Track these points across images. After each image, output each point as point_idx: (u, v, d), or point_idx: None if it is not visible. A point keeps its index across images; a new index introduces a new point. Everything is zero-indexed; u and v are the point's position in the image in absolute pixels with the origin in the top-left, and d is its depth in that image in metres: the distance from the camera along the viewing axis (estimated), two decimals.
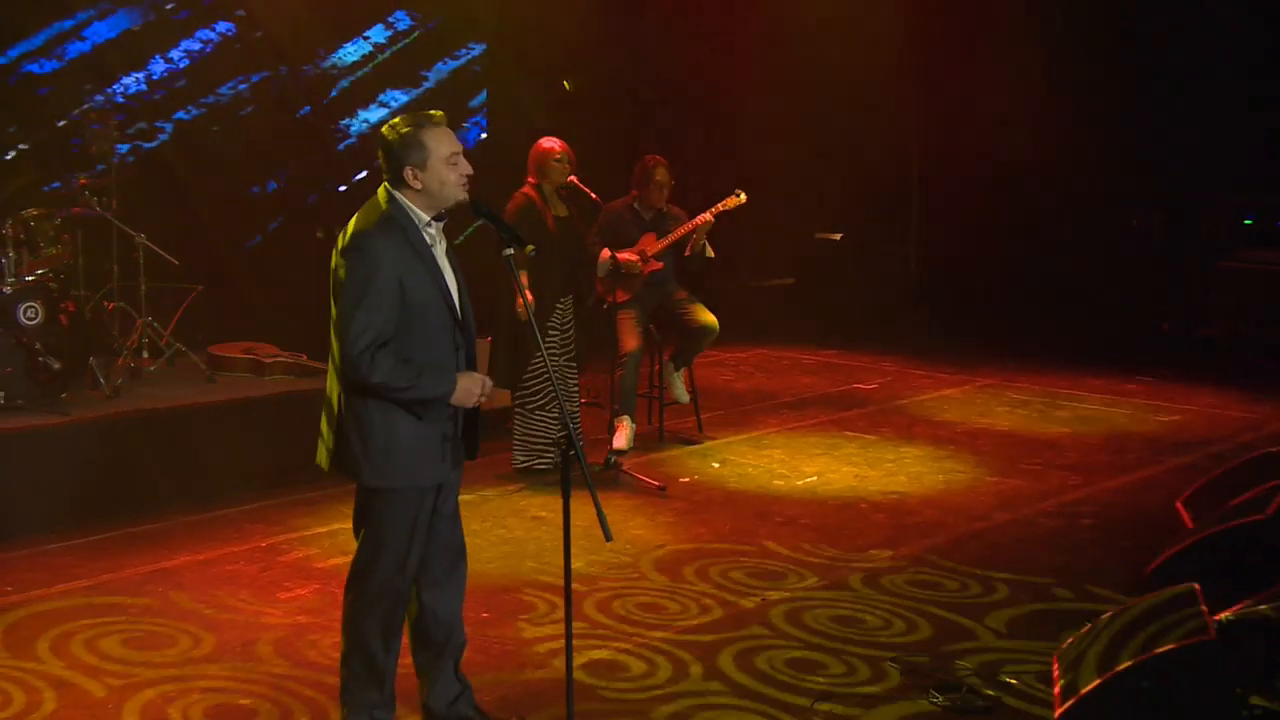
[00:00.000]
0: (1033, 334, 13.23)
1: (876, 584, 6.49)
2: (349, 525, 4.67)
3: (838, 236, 14.88)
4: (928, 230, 15.30)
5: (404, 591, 4.61)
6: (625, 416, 8.84)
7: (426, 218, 4.42)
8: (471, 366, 4.61)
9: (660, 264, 8.86)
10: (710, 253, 8.94)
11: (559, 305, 8.28)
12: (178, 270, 8.68)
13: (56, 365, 7.40)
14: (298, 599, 6.18)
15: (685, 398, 9.23)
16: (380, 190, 4.47)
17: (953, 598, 6.33)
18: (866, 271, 14.74)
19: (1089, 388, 11.33)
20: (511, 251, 4.41)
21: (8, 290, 7.31)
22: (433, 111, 4.47)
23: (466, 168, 4.42)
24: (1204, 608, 5.19)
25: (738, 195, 8.80)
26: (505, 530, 7.28)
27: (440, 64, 13.18)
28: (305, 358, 8.64)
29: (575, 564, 6.33)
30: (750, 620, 6.03)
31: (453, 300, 4.46)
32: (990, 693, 5.29)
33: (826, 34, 13.82)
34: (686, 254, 8.91)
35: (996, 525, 7.48)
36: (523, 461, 8.31)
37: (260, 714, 5.02)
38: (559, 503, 7.52)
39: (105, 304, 8.54)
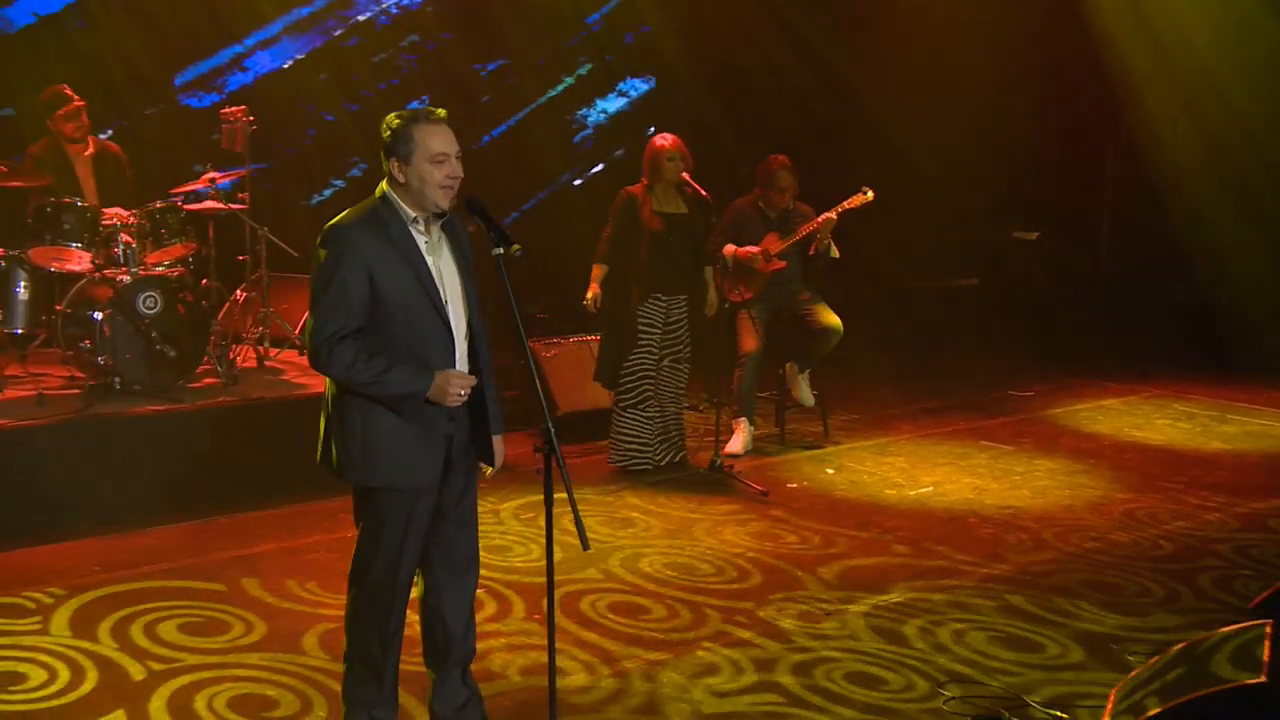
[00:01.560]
0: (1218, 342, 12.21)
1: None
2: None
3: (1034, 236, 14.30)
4: (1119, 230, 14.57)
5: (399, 591, 4.54)
6: (743, 419, 8.67)
7: (413, 214, 4.35)
8: (474, 369, 4.52)
9: (783, 263, 8.61)
10: (835, 252, 8.64)
11: (661, 302, 8.14)
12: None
13: (173, 353, 7.61)
14: None
15: (810, 400, 8.97)
16: (380, 184, 4.44)
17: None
18: (1054, 273, 14.14)
19: (1269, 401, 10.61)
20: (501, 251, 4.30)
21: (128, 280, 7.56)
22: (434, 109, 4.40)
23: (454, 169, 4.31)
24: (1268, 648, 4.77)
25: (865, 193, 8.48)
26: (588, 531, 7.16)
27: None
28: None
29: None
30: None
31: (439, 299, 4.35)
32: None
33: (1020, 30, 13.31)
34: (811, 253, 8.66)
35: (1107, 546, 7.04)
36: (616, 461, 8.22)
37: (281, 705, 5.03)
38: (651, 505, 7.43)
39: (238, 294, 8.77)
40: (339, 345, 4.23)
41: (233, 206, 8.48)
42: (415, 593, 4.68)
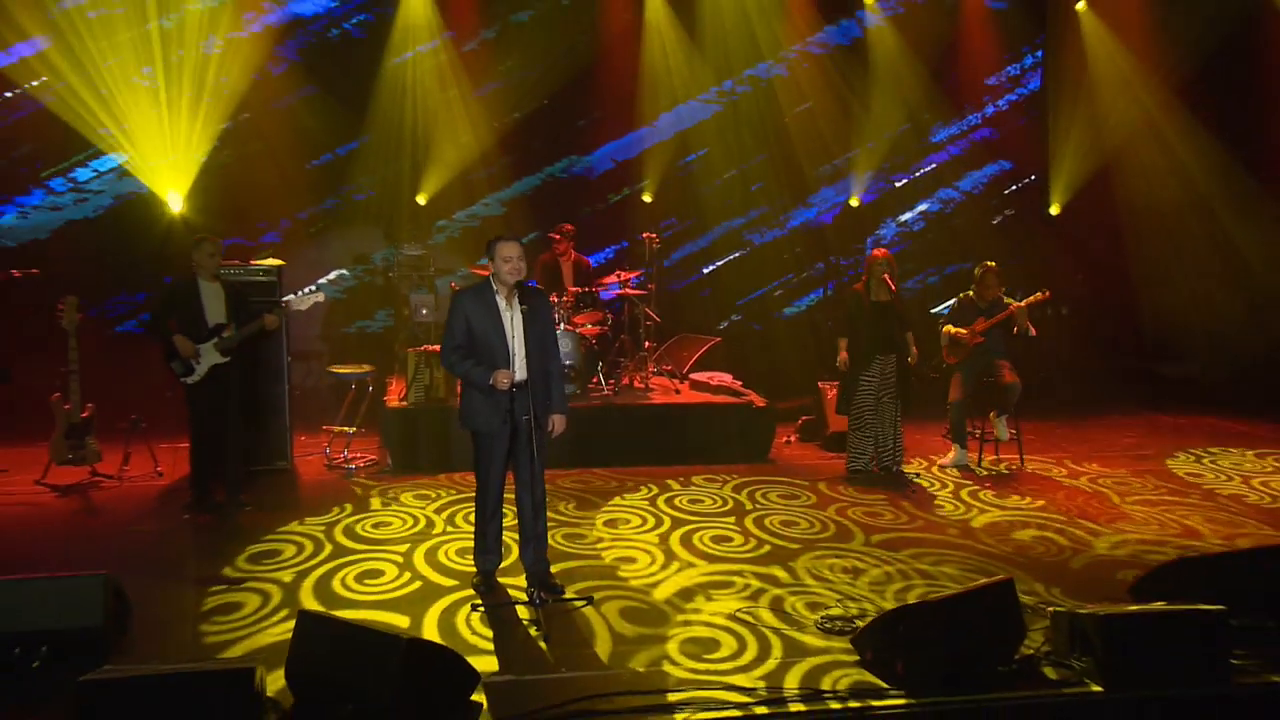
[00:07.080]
0: None
1: None
2: (680, 487, 8.33)
3: None
4: None
5: (491, 492, 7.52)
6: (955, 444, 11.24)
7: (496, 287, 7.47)
8: (529, 376, 7.37)
9: (983, 339, 11.08)
10: (1032, 331, 10.92)
11: (878, 361, 10.79)
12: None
13: (571, 369, 11.59)
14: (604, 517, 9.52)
15: (1005, 436, 11.31)
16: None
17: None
18: None
19: None
20: (525, 308, 7.43)
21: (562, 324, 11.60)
22: (509, 235, 7.54)
23: (516, 266, 7.26)
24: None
25: (1042, 293, 10.85)
26: (761, 503, 10.06)
27: None
28: (740, 385, 12.10)
29: (803, 556, 8.45)
30: None
31: (505, 335, 7.30)
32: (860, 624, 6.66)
33: None
34: (1014, 333, 11.02)
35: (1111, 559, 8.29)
36: (850, 464, 11.03)
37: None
38: (824, 490, 10.92)
39: (622, 337, 12.64)
40: (450, 353, 7.49)
41: (629, 292, 12.42)
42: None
